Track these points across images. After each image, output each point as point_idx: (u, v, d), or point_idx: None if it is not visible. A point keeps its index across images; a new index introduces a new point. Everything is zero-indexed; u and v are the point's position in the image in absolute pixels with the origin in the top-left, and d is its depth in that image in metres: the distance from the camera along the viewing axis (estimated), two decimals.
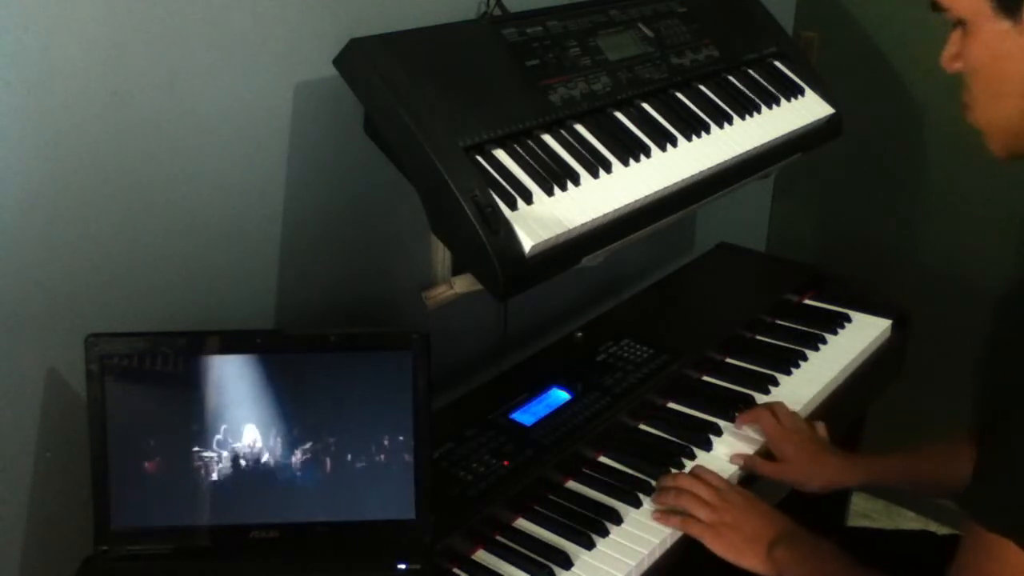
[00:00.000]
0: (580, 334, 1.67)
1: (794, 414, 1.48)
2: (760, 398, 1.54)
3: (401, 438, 1.13)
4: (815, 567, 1.17)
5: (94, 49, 1.07)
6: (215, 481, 1.11)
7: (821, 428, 1.49)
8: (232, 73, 1.21)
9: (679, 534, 1.26)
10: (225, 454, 1.11)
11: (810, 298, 1.88)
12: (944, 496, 1.48)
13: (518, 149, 1.26)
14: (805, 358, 1.67)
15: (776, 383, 1.60)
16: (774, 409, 1.46)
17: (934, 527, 2.24)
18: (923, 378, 2.21)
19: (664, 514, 1.27)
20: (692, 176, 1.39)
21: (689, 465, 1.39)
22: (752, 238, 2.47)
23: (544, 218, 1.20)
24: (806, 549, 1.18)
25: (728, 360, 1.67)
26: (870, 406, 1.90)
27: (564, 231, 1.21)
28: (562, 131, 1.33)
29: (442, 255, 1.48)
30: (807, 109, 1.66)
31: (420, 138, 1.16)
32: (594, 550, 1.22)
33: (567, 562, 1.20)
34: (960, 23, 1.00)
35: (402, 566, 1.11)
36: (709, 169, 1.43)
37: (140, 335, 1.10)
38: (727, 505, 1.25)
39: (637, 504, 1.30)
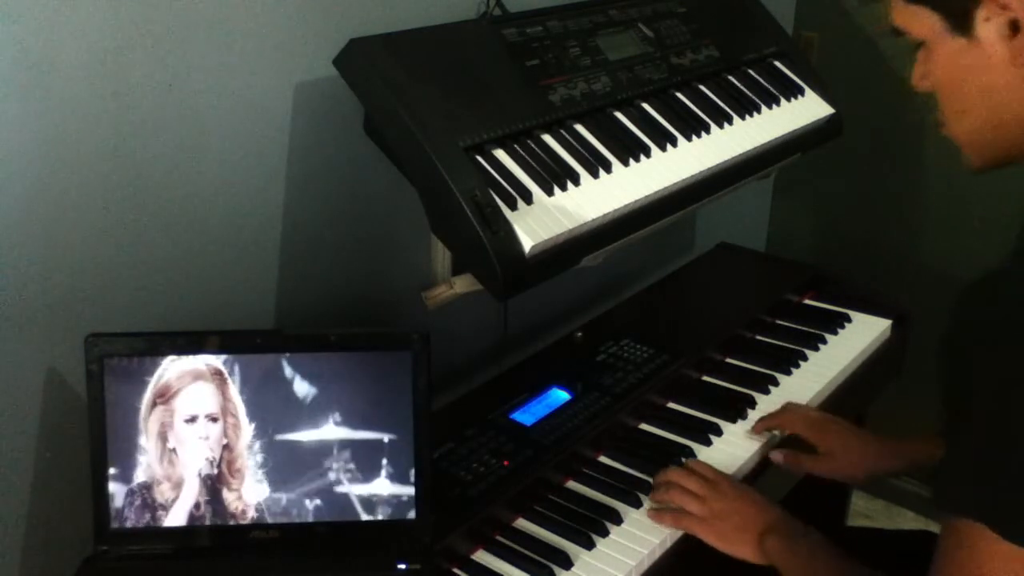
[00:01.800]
0: (580, 334, 1.67)
1: (809, 407, 1.49)
2: (760, 398, 1.54)
3: (401, 438, 1.13)
4: (806, 556, 1.17)
5: (94, 49, 1.07)
6: (215, 481, 1.12)
7: None
8: (232, 73, 1.21)
9: (679, 534, 1.26)
10: (224, 454, 1.12)
11: (810, 298, 1.88)
12: None
13: (518, 149, 1.26)
14: (805, 358, 1.67)
15: (776, 383, 1.59)
16: (789, 408, 1.48)
17: (934, 527, 2.24)
18: (923, 378, 2.20)
19: (658, 512, 1.27)
20: (692, 176, 1.39)
21: None
22: (752, 238, 2.47)
23: (544, 218, 1.20)
24: (797, 538, 1.19)
25: (728, 360, 1.67)
26: (870, 406, 1.90)
27: (564, 231, 1.21)
28: (562, 131, 1.33)
29: (442, 255, 1.48)
30: (807, 109, 1.66)
31: (420, 138, 1.16)
32: (594, 550, 1.22)
33: (567, 562, 1.20)
34: (920, 44, 1.03)
35: (402, 566, 1.11)
36: (709, 169, 1.43)
37: (140, 335, 1.10)
38: (717, 495, 1.26)
39: (637, 504, 1.30)
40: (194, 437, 1.11)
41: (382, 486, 1.13)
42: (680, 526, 1.25)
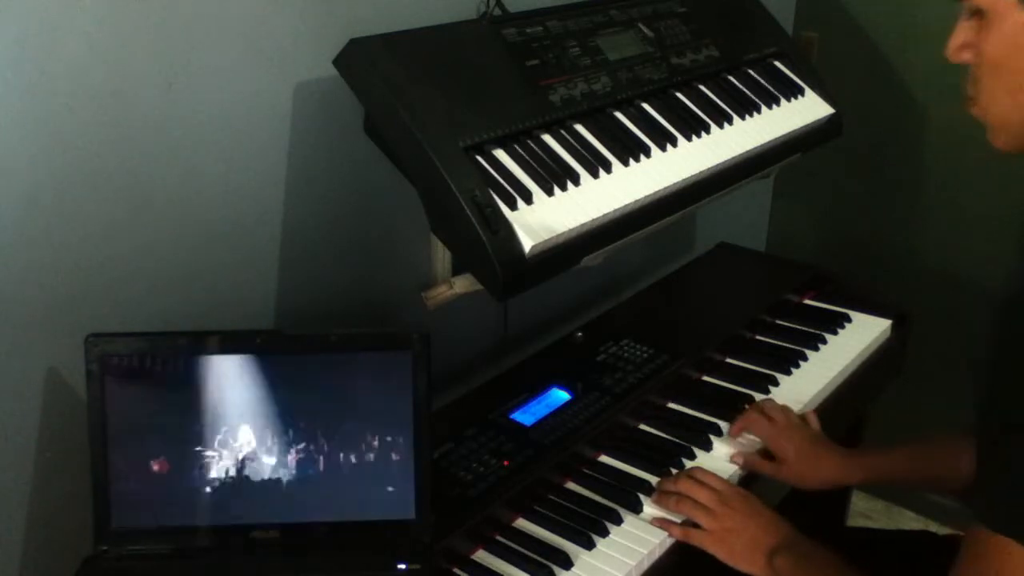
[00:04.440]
0: (580, 334, 1.67)
1: (785, 408, 1.48)
2: (760, 398, 1.54)
3: (401, 438, 1.13)
4: (815, 575, 1.17)
5: (94, 49, 1.07)
6: (215, 481, 1.12)
7: (813, 420, 1.49)
8: (232, 73, 1.21)
9: None
10: (225, 454, 1.12)
11: (810, 298, 1.88)
12: (942, 492, 1.48)
13: (518, 149, 1.26)
14: (805, 358, 1.67)
15: (776, 383, 1.60)
16: (764, 408, 1.47)
17: (934, 527, 2.24)
18: (923, 378, 2.21)
19: (667, 523, 1.27)
20: (692, 176, 1.39)
21: (689, 465, 1.38)
22: (752, 238, 2.47)
23: (544, 218, 1.20)
24: (806, 557, 1.18)
25: (728, 360, 1.67)
26: (870, 406, 1.90)
27: (564, 231, 1.21)
28: (562, 131, 1.33)
29: (442, 255, 1.48)
30: (807, 109, 1.66)
31: (420, 138, 1.16)
32: (594, 550, 1.22)
33: (567, 562, 1.20)
34: (977, 13, 0.97)
35: (402, 566, 1.11)
36: (709, 169, 1.43)
37: (140, 335, 1.10)
38: (728, 510, 1.25)
39: (637, 504, 1.30)
40: (194, 437, 1.11)
41: (382, 486, 1.13)
42: (690, 540, 1.25)
